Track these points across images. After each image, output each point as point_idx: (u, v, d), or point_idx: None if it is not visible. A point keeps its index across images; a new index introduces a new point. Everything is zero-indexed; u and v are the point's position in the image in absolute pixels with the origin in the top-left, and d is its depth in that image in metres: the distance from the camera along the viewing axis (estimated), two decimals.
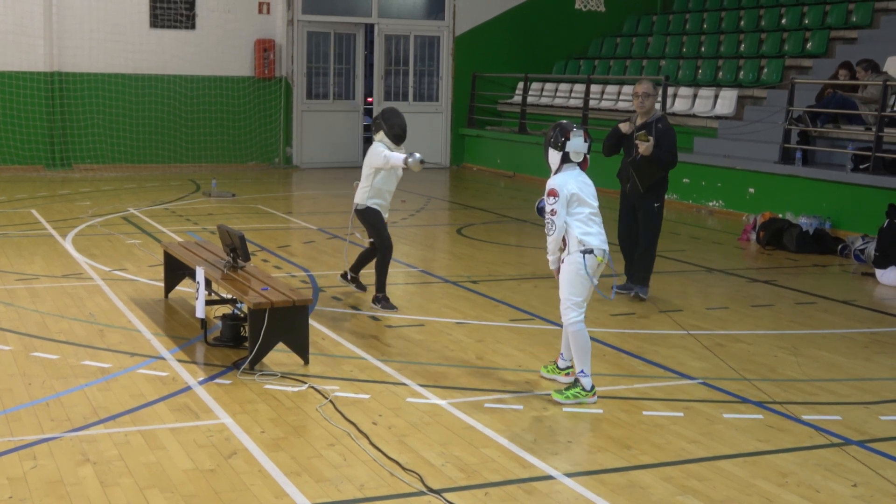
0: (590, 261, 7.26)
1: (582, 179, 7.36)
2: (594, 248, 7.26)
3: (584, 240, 7.24)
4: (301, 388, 7.40)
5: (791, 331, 9.52)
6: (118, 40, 21.47)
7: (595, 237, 7.30)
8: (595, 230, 7.33)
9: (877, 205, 14.05)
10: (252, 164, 22.83)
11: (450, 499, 5.55)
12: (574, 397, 7.19)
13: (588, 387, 7.23)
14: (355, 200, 10.02)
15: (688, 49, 22.07)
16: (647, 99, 10.41)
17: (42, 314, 9.39)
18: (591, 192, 7.39)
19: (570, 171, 7.36)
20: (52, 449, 6.18)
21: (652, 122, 10.35)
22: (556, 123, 7.52)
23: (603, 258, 7.29)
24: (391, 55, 24.18)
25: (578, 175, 7.36)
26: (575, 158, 7.36)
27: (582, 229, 7.27)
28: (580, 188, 7.29)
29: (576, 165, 7.39)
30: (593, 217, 7.35)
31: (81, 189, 18.58)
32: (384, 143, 9.79)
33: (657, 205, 10.55)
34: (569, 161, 7.36)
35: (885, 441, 6.65)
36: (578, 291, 7.31)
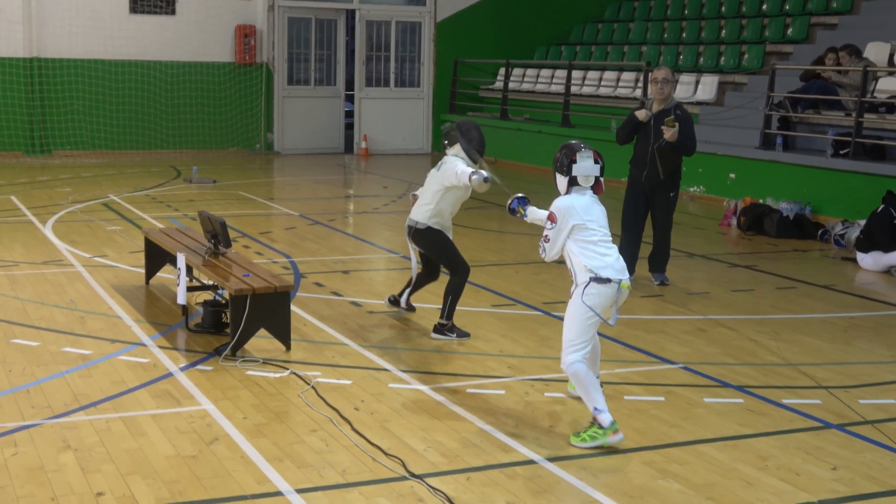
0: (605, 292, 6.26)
1: (590, 204, 6.40)
2: (611, 277, 6.26)
3: (594, 267, 6.27)
4: (283, 374, 7.39)
5: (771, 315, 9.56)
6: (98, 26, 21.34)
7: (610, 268, 6.29)
8: (612, 255, 6.36)
9: (857, 190, 14.13)
10: (233, 150, 22.76)
11: (432, 484, 5.56)
12: (591, 438, 6.20)
13: (606, 423, 6.20)
14: (413, 218, 8.64)
15: (669, 35, 22.08)
16: (666, 85, 10.37)
17: (22, 301, 9.35)
18: (600, 219, 6.40)
19: (578, 195, 6.42)
20: (32, 436, 6.16)
21: (670, 109, 10.34)
22: (564, 144, 6.52)
23: (628, 286, 6.34)
24: (372, 41, 24.11)
25: (588, 200, 6.41)
26: (584, 183, 6.39)
27: (591, 257, 6.31)
28: (585, 214, 6.34)
29: (586, 190, 6.43)
30: (603, 242, 6.36)
31: (61, 175, 18.48)
32: (461, 157, 8.44)
33: (673, 194, 10.65)
34: (576, 185, 6.41)
35: (865, 424, 6.69)
36: (581, 331, 6.31)
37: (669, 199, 10.63)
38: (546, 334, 8.63)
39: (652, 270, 10.76)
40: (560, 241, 6.36)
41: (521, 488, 5.56)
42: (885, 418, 6.82)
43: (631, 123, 10.58)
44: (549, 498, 5.45)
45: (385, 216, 15.10)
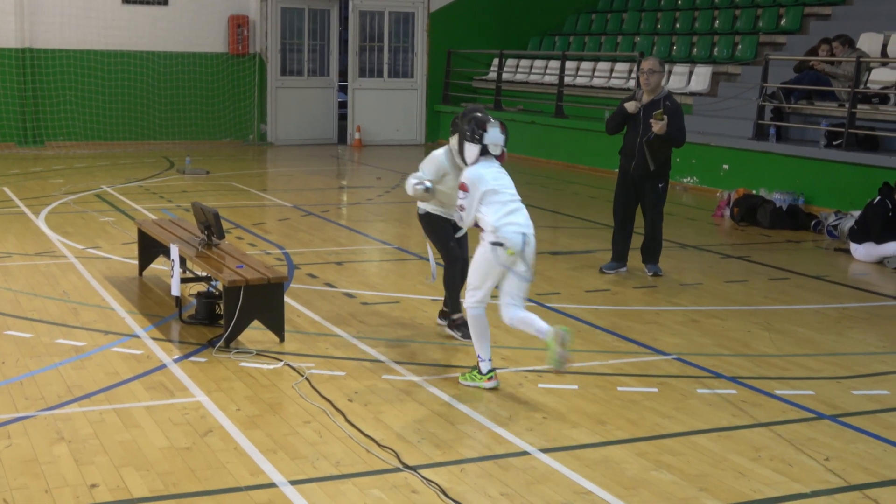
0: (501, 255, 6.82)
1: (497, 172, 6.98)
2: (507, 240, 6.77)
3: (499, 228, 6.78)
4: (276, 365, 7.40)
5: (764, 306, 9.58)
6: (90, 16, 21.27)
7: (513, 227, 6.81)
8: (515, 218, 6.86)
9: (850, 181, 14.15)
10: (226, 141, 22.72)
11: (425, 475, 5.57)
12: (471, 379, 7.04)
13: (484, 371, 6.98)
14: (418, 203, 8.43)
15: (662, 25, 22.08)
16: (652, 75, 10.35)
17: (15, 292, 9.34)
18: (509, 185, 6.99)
19: (485, 163, 6.97)
20: (26, 427, 6.16)
21: (660, 100, 10.33)
22: (467, 113, 7.06)
23: (514, 253, 6.79)
24: (366, 31, 24.07)
25: (495, 169, 6.98)
26: (493, 151, 6.97)
27: (499, 216, 6.83)
28: (494, 181, 6.90)
29: (493, 158, 7.00)
30: (512, 202, 6.92)
31: (54, 166, 18.45)
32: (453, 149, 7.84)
33: (661, 185, 10.61)
34: (487, 154, 6.96)
35: (857, 415, 6.71)
36: (480, 277, 6.95)
37: (658, 190, 10.61)
38: None
39: (645, 262, 10.77)
40: (473, 208, 6.91)
41: (514, 479, 5.57)
42: (878, 409, 6.84)
43: (620, 114, 10.58)
44: (543, 489, 5.46)
45: (378, 207, 15.09)
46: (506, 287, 6.98)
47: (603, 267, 10.80)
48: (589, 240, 12.55)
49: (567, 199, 15.99)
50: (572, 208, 14.72)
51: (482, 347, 7.03)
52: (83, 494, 5.27)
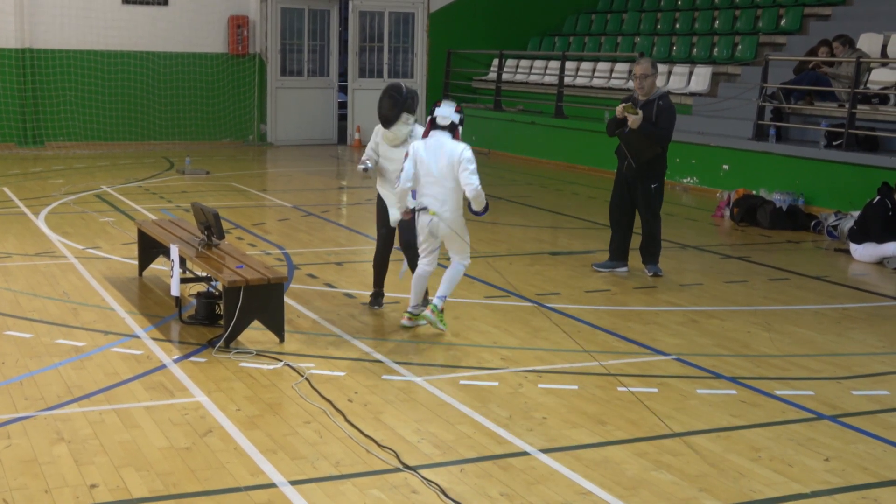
0: (422, 218, 8.16)
1: (435, 145, 8.03)
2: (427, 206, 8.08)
3: (420, 201, 8.14)
4: (276, 365, 7.39)
5: (764, 307, 9.58)
6: (90, 16, 21.27)
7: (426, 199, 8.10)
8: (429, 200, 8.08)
9: (850, 181, 14.15)
10: (226, 141, 22.72)
11: (425, 475, 5.57)
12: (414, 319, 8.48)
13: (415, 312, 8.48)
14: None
15: (662, 26, 22.08)
16: (644, 80, 10.37)
17: (15, 293, 9.34)
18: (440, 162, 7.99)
19: (432, 137, 8.07)
20: (26, 428, 6.16)
21: (654, 100, 10.33)
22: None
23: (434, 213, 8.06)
24: (366, 32, 24.07)
25: (438, 144, 8.02)
26: (441, 122, 8.05)
27: (419, 194, 8.13)
28: (426, 155, 8.01)
29: (444, 132, 8.06)
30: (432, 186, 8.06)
31: (54, 167, 18.45)
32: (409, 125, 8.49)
33: (654, 185, 10.56)
34: (436, 127, 8.07)
35: (857, 416, 6.71)
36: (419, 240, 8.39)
37: (650, 190, 10.55)
38: (539, 325, 8.63)
39: (644, 263, 10.77)
40: (409, 174, 8.03)
41: (514, 480, 5.57)
42: (878, 409, 6.84)
43: (615, 118, 10.57)
44: (543, 489, 5.46)
45: None
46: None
47: (595, 263, 10.82)
48: (589, 240, 12.55)
49: (567, 200, 15.98)
50: (572, 209, 14.71)
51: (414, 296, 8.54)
52: (83, 495, 5.27)
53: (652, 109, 10.30)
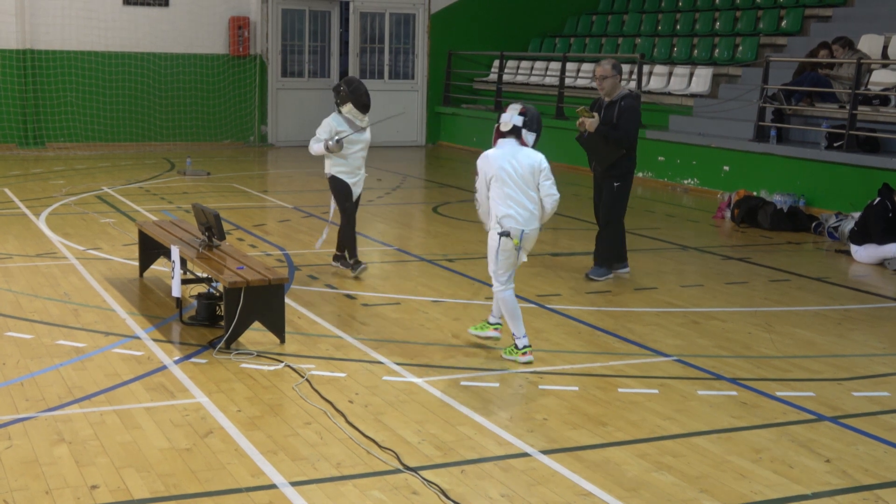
0: (504, 243, 7.47)
1: (509, 155, 7.51)
2: (511, 230, 7.44)
3: (501, 221, 7.46)
4: (277, 366, 7.40)
5: (765, 308, 9.58)
6: (91, 17, 21.28)
7: (509, 220, 7.44)
8: (511, 212, 7.43)
9: (850, 182, 14.15)
10: (227, 142, 22.72)
11: (426, 476, 5.57)
12: (510, 353, 7.67)
13: (520, 346, 7.60)
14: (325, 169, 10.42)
15: (663, 27, 22.08)
16: (603, 81, 10.25)
17: (16, 294, 9.34)
18: (520, 171, 7.46)
19: (501, 148, 7.60)
20: (27, 429, 6.16)
21: (616, 101, 10.27)
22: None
23: (518, 241, 7.45)
24: (366, 33, 24.07)
25: (510, 152, 7.53)
26: (503, 128, 7.61)
27: (500, 210, 7.46)
28: (502, 167, 7.45)
29: (512, 141, 7.60)
30: (511, 197, 7.43)
31: (55, 168, 18.45)
32: (348, 116, 10.02)
33: (617, 184, 10.36)
34: (500, 134, 7.66)
35: (858, 417, 6.71)
36: (493, 266, 7.62)
37: (613, 189, 10.37)
38: (540, 327, 8.63)
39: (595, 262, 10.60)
40: (483, 190, 7.55)
41: (515, 481, 5.57)
42: (879, 410, 6.84)
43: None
44: (544, 490, 5.46)
45: (379, 209, 15.08)
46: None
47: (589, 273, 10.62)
48: (590, 241, 12.49)
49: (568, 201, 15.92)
50: (573, 210, 14.70)
51: (517, 326, 7.59)
52: (84, 496, 5.27)
53: (613, 111, 10.22)
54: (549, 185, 7.53)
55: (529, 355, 7.59)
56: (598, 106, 10.48)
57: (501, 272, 7.59)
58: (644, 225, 13.78)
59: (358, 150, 10.12)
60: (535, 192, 7.51)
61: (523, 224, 7.45)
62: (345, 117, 9.99)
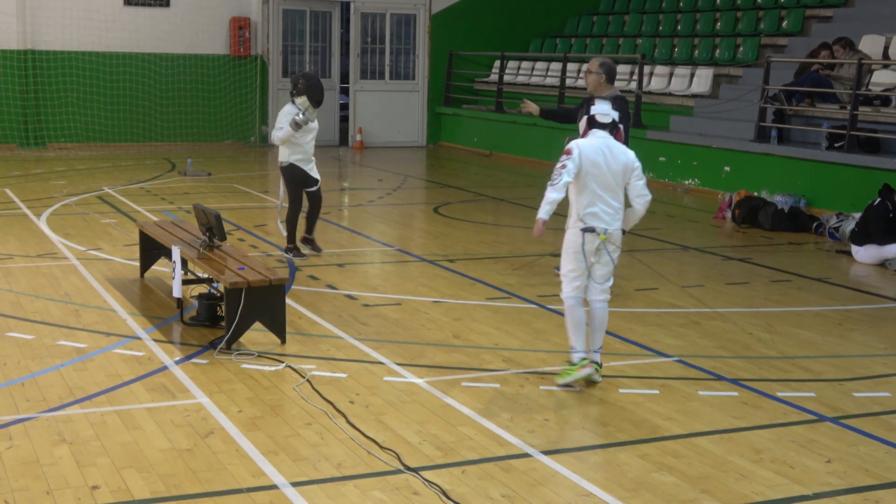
0: (589, 238, 6.98)
1: (604, 148, 6.96)
2: (595, 227, 6.96)
3: (584, 217, 6.98)
4: (278, 367, 7.40)
5: (766, 308, 9.58)
6: (92, 18, 21.29)
7: (593, 217, 6.97)
8: (596, 209, 6.96)
9: (851, 183, 14.14)
10: (228, 142, 22.73)
11: (427, 477, 5.57)
12: (567, 374, 7.12)
13: (575, 360, 7.12)
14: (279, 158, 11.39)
15: (664, 27, 22.08)
16: (588, 76, 10.04)
17: (17, 294, 9.34)
18: (613, 167, 6.96)
19: (594, 140, 7.01)
20: (27, 429, 6.16)
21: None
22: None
23: (605, 237, 6.96)
24: (367, 33, 24.08)
25: (605, 145, 6.98)
26: (601, 119, 7.01)
27: (584, 206, 6.98)
28: (595, 162, 6.91)
29: (605, 132, 7.03)
30: (601, 194, 6.97)
31: (56, 168, 18.45)
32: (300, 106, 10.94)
33: None
34: (596, 125, 7.02)
35: (859, 417, 6.71)
36: (570, 266, 7.10)
37: None
38: (541, 327, 8.63)
39: None
40: (572, 172, 6.90)
41: (516, 481, 5.57)
42: (880, 411, 6.84)
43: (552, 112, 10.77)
44: (544, 491, 5.45)
45: (380, 209, 15.09)
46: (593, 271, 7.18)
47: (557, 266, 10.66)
48: None
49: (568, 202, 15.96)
50: None
51: (577, 338, 7.14)
52: (84, 496, 5.27)
53: None
54: (641, 186, 7.09)
55: (587, 368, 7.07)
56: (586, 105, 10.41)
57: (574, 274, 7.08)
58: (645, 225, 13.74)
59: (311, 139, 11.18)
60: (622, 190, 7.07)
61: (608, 222, 6.99)
62: (298, 107, 10.89)
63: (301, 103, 10.90)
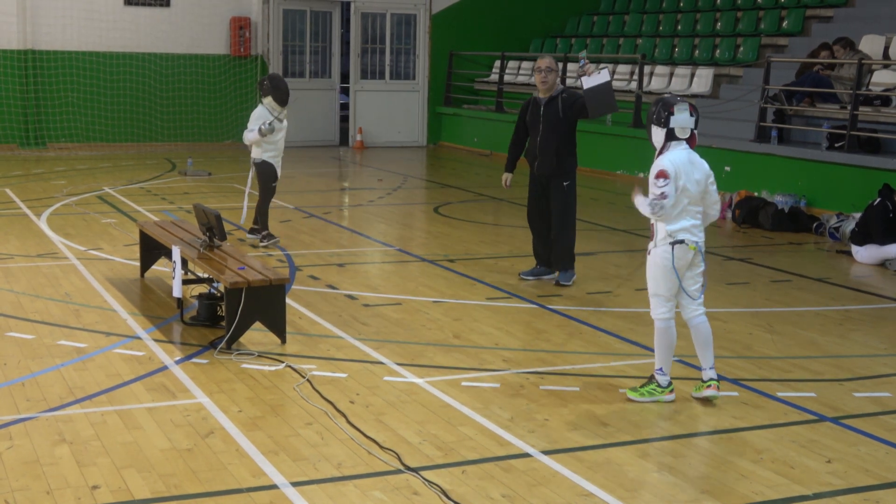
0: (679, 252, 6.75)
1: (689, 160, 6.75)
2: (685, 238, 6.75)
3: (675, 234, 6.73)
4: (278, 367, 7.40)
5: (766, 308, 9.57)
6: (92, 18, 21.29)
7: (684, 233, 6.77)
8: (688, 223, 6.78)
9: (852, 183, 14.14)
10: (228, 142, 22.72)
11: (427, 477, 5.57)
12: (649, 394, 6.86)
13: (664, 384, 6.86)
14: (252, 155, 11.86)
15: (664, 27, 22.07)
16: (549, 74, 10.14)
17: (17, 294, 9.34)
18: (696, 175, 6.74)
19: (678, 150, 6.76)
20: (28, 429, 6.16)
21: (557, 96, 10.25)
22: (658, 99, 6.89)
23: (695, 248, 6.78)
24: (367, 33, 24.08)
25: (688, 157, 6.75)
26: (681, 135, 6.75)
27: (675, 222, 6.74)
28: (688, 175, 6.68)
29: (683, 143, 6.78)
30: (689, 208, 6.77)
31: (56, 168, 18.46)
32: (268, 107, 11.48)
33: (566, 183, 10.23)
34: (674, 138, 6.76)
35: (859, 417, 6.71)
36: (662, 286, 6.81)
37: (563, 188, 10.21)
38: (541, 327, 8.63)
39: (544, 265, 10.45)
40: (675, 193, 6.63)
41: (516, 481, 5.57)
42: (880, 411, 6.84)
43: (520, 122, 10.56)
44: (545, 491, 5.45)
45: (380, 209, 15.09)
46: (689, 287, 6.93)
47: (522, 272, 10.53)
48: (590, 241, 12.54)
49: None
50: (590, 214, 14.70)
51: (665, 360, 6.87)
52: (85, 496, 5.27)
53: (557, 105, 10.11)
54: (715, 191, 6.93)
55: (673, 394, 6.88)
56: (533, 105, 10.40)
57: (665, 296, 6.82)
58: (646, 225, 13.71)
59: (282, 137, 11.76)
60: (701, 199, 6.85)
61: (698, 236, 6.82)
62: (266, 108, 11.48)
63: (268, 103, 11.50)
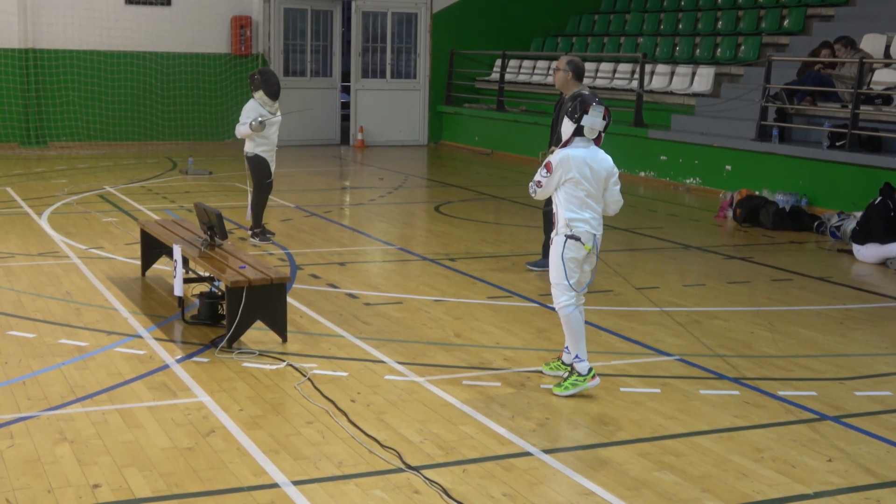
0: (572, 246, 6.86)
1: (591, 157, 6.87)
2: (581, 234, 6.85)
3: (572, 223, 6.85)
4: (279, 366, 7.40)
5: (767, 307, 9.57)
6: (93, 17, 21.29)
7: (582, 224, 6.86)
8: (587, 215, 6.87)
9: (853, 182, 14.14)
10: (229, 141, 22.71)
11: (428, 476, 5.57)
12: (573, 386, 6.92)
13: (584, 371, 6.94)
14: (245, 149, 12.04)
15: (665, 26, 22.07)
16: (555, 73, 10.01)
17: (18, 293, 9.35)
18: (598, 172, 6.87)
19: (580, 148, 6.90)
20: (29, 428, 6.16)
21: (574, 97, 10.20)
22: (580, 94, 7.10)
23: (591, 246, 6.88)
24: (368, 32, 24.07)
25: (588, 153, 6.88)
26: (588, 135, 6.87)
27: (572, 214, 6.86)
28: (582, 171, 6.82)
29: (589, 142, 6.91)
30: (588, 201, 6.88)
31: (57, 167, 18.46)
32: (259, 101, 11.69)
33: None
34: (580, 135, 6.89)
35: (860, 416, 6.71)
36: (563, 274, 6.90)
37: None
38: (542, 326, 8.63)
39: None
40: (550, 189, 6.99)
41: (516, 480, 5.57)
42: (881, 410, 6.84)
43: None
44: (545, 490, 5.46)
45: (381, 208, 15.09)
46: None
47: (528, 263, 10.84)
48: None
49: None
50: None
51: (580, 346, 6.97)
52: (86, 495, 5.27)
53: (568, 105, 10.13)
54: (617, 190, 7.01)
55: (597, 379, 6.97)
56: (557, 103, 10.51)
57: (566, 284, 6.90)
58: (646, 224, 13.78)
59: (275, 131, 11.97)
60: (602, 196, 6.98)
61: (596, 229, 6.92)
62: (258, 102, 11.65)
63: (259, 98, 11.67)
